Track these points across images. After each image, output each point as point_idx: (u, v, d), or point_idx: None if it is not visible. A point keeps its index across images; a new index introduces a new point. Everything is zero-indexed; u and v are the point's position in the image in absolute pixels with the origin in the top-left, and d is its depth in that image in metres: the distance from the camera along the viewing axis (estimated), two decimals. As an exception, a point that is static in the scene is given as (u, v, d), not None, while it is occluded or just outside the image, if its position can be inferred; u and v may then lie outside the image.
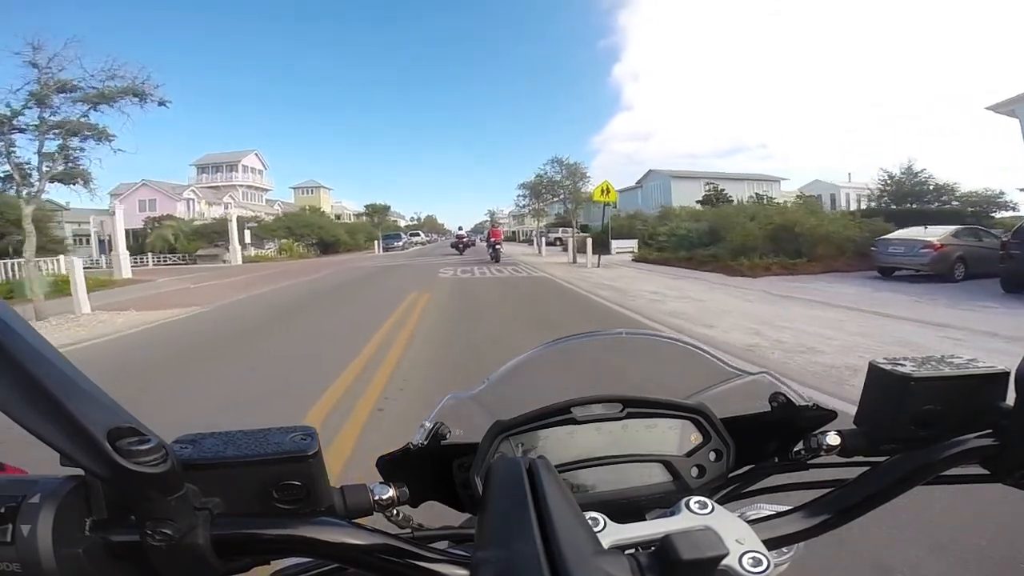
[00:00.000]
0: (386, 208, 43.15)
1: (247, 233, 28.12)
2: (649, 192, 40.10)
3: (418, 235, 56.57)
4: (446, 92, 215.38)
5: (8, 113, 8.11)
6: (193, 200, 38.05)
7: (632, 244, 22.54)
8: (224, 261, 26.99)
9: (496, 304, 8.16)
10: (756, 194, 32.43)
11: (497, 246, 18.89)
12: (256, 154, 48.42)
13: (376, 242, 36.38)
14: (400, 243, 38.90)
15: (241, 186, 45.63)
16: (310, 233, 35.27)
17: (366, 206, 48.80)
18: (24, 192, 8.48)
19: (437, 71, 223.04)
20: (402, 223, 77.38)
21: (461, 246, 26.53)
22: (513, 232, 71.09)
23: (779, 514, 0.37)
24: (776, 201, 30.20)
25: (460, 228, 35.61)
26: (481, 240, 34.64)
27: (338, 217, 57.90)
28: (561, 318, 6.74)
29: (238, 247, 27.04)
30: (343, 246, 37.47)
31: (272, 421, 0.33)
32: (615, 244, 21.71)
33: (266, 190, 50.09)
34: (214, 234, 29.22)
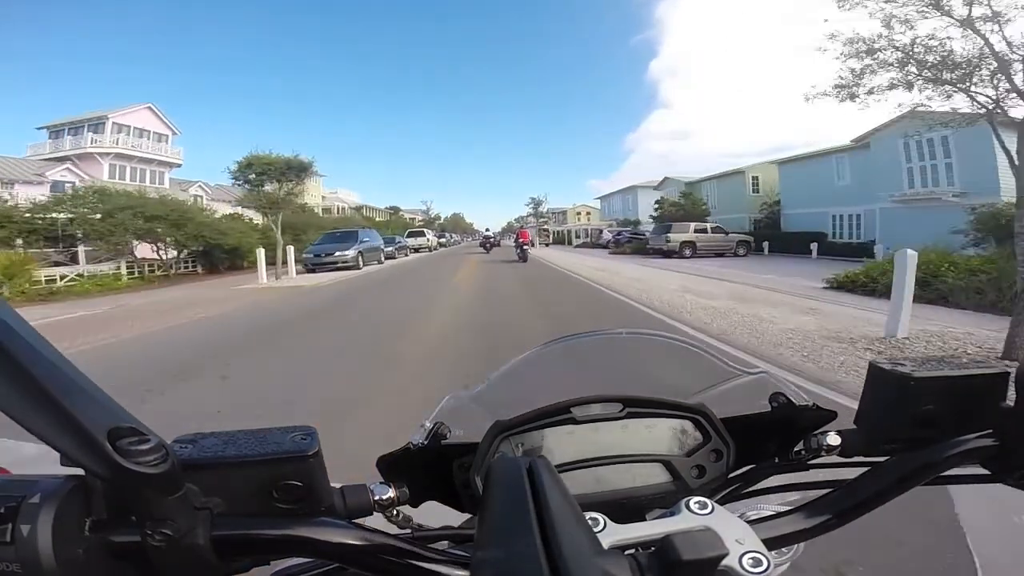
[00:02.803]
0: (305, 167, 15.27)
1: None
2: (880, 156, 18.92)
3: (422, 234, 36.30)
4: (475, 93, 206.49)
5: None
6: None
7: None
8: None
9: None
10: None
11: (524, 246, 18.86)
12: (151, 108, 29.38)
13: (282, 253, 14.65)
14: (350, 252, 16.70)
15: (107, 154, 26.48)
16: (134, 230, 15.24)
17: (239, 162, 14.65)
18: None
19: (460, 71, 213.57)
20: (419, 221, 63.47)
21: (488, 245, 28.50)
22: (557, 232, 53.88)
23: (779, 514, 0.37)
24: None
25: (487, 229, 36.94)
26: (508, 241, 34.89)
27: (327, 211, 42.13)
28: None
29: None
30: (249, 258, 17.66)
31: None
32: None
33: (170, 164, 30.33)
34: None
